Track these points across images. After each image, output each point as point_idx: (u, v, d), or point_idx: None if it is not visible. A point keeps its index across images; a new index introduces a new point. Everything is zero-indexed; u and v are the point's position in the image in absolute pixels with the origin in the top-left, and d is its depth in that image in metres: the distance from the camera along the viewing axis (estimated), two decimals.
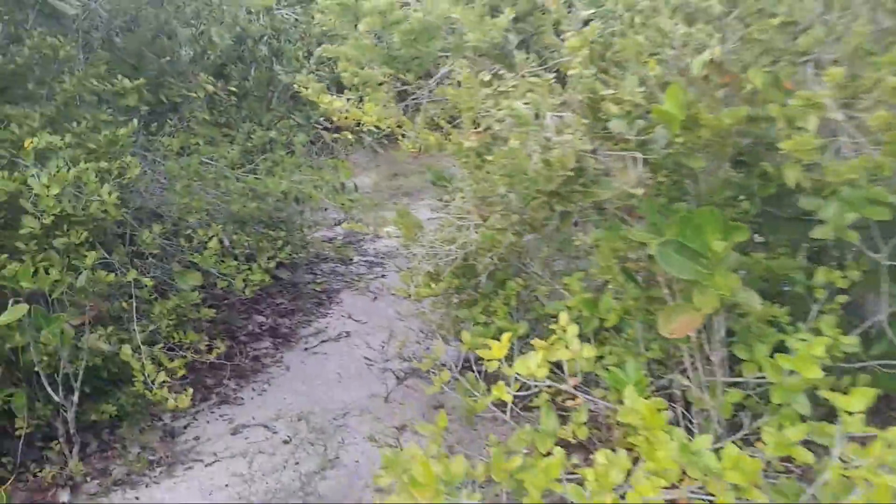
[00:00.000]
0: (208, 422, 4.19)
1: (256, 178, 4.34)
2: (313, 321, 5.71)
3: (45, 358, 3.15)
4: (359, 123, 3.62)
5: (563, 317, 2.39)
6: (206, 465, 3.71)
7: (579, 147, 1.81)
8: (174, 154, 4.14)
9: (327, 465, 3.50)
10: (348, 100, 3.00)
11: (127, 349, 3.20)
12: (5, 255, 3.05)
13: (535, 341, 2.56)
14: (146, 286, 3.43)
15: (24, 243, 3.03)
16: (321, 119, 5.70)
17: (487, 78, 2.06)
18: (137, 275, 3.37)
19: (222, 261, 3.80)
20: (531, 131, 1.80)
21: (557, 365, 2.57)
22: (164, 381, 3.19)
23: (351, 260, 7.06)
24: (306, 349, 5.16)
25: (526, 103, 1.82)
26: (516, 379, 2.41)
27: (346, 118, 3.62)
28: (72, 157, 3.08)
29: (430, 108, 3.02)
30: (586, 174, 1.92)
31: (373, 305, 5.91)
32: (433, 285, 3.29)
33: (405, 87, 3.00)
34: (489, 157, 1.91)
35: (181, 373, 3.36)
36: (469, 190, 2.25)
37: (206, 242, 3.75)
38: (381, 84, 2.69)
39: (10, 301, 2.87)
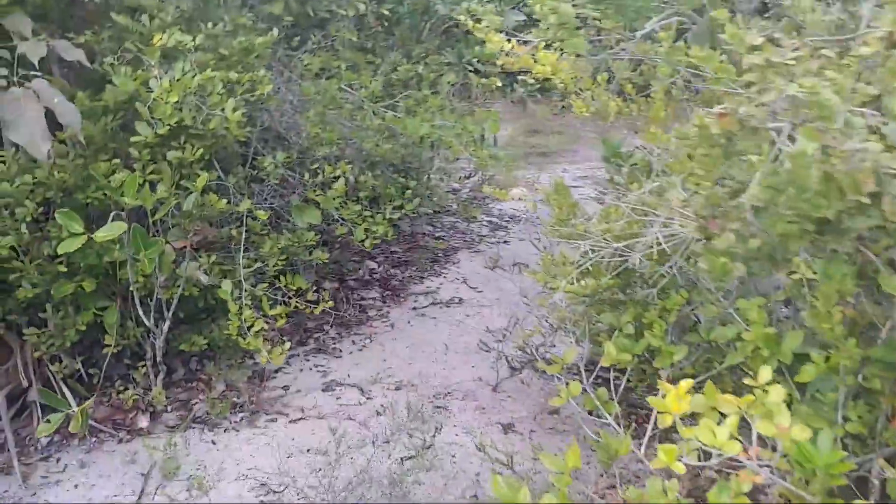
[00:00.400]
0: (301, 370, 3.87)
1: (396, 117, 3.87)
2: (425, 278, 5.30)
3: (141, 279, 2.84)
4: (521, 72, 3.11)
5: (765, 371, 1.81)
6: (290, 422, 3.38)
7: (884, 162, 1.22)
8: (312, 75, 3.73)
9: (422, 455, 3.08)
10: (525, 43, 2.45)
11: (227, 285, 2.86)
12: (118, 160, 2.73)
13: (715, 394, 1.99)
14: (260, 220, 3.05)
15: (136, 151, 2.70)
16: (474, 60, 5.17)
17: (759, 41, 1.47)
18: (252, 205, 2.99)
19: (345, 203, 3.38)
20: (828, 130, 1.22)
21: None
22: (261, 330, 2.82)
23: (474, 218, 6.60)
24: (414, 308, 4.75)
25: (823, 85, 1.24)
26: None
27: (513, 64, 3.08)
28: (200, 62, 2.69)
29: (618, 66, 2.43)
30: (882, 202, 1.32)
31: (490, 274, 5.43)
32: (582, 282, 2.74)
33: (597, 39, 2.42)
34: (757, 158, 1.33)
35: (281, 322, 2.99)
36: (694, 191, 1.69)
37: (333, 181, 3.33)
38: (578, 28, 2.13)
39: (112, 215, 2.54)
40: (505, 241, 6.22)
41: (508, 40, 2.96)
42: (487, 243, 6.16)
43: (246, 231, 3.24)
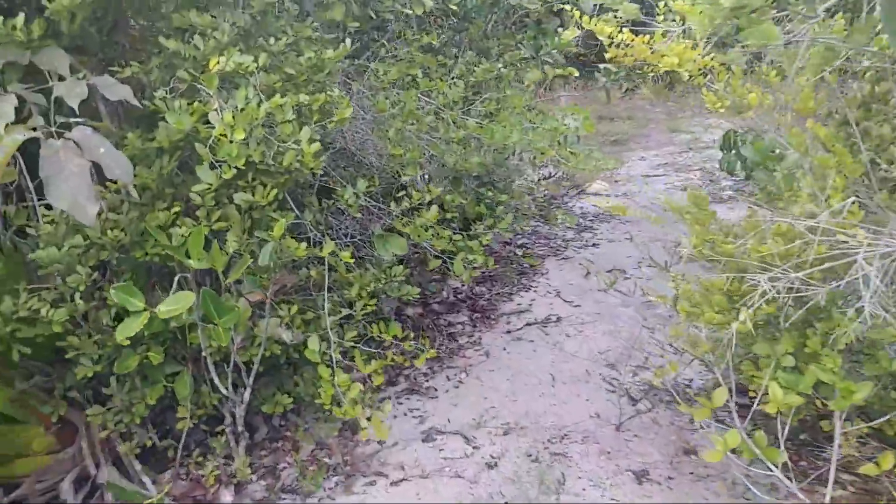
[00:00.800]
0: (395, 416, 3.43)
1: (479, 124, 3.40)
2: (514, 294, 4.82)
3: (214, 343, 2.44)
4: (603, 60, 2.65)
5: None
6: (391, 484, 2.95)
7: None
8: (384, 86, 3.28)
9: None
10: (663, 34, 1.97)
11: (314, 343, 2.44)
12: (177, 209, 2.33)
13: None
14: (344, 261, 2.62)
15: (199, 195, 2.29)
16: (553, 51, 4.66)
17: None
18: (335, 247, 2.56)
19: (435, 231, 2.92)
20: None
21: None
22: (357, 395, 2.39)
23: (556, 219, 6.09)
24: (508, 332, 4.28)
25: None
26: None
27: (625, 56, 2.60)
28: (264, 86, 2.27)
29: (785, 54, 1.92)
30: None
31: (585, 284, 4.92)
32: (726, 312, 2.23)
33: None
34: None
35: (378, 381, 2.56)
36: None
37: (421, 207, 2.87)
38: (754, 11, 1.63)
39: (177, 279, 2.14)
40: (594, 245, 5.69)
41: (620, 30, 2.51)
42: (574, 248, 5.64)
43: (328, 270, 2.82)
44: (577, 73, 5.04)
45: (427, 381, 3.76)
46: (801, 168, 2.45)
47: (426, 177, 3.32)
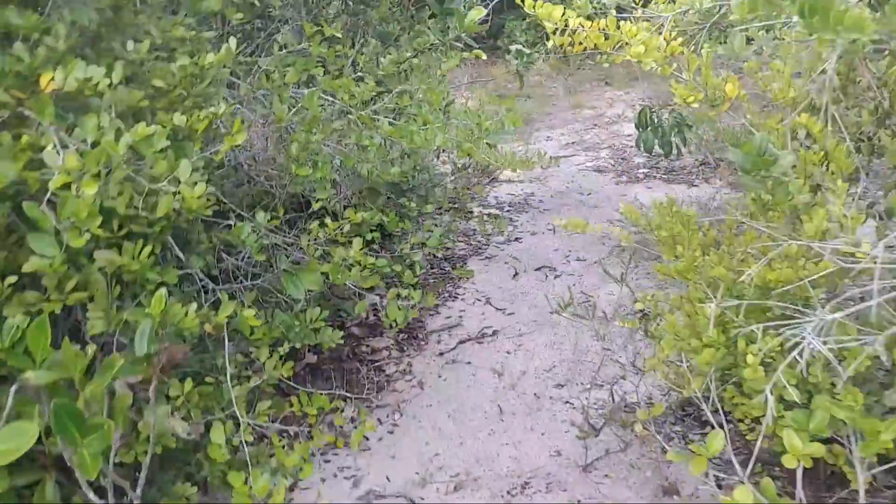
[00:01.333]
0: (323, 479, 2.88)
1: (392, 124, 2.87)
2: (441, 305, 4.33)
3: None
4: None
5: None
6: None
7: None
8: (278, 88, 2.68)
9: None
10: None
11: (219, 436, 1.86)
12: (11, 281, 1.69)
13: None
14: (249, 323, 2.04)
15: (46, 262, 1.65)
16: (462, 34, 4.15)
17: None
18: (237, 304, 1.99)
19: (359, 266, 2.38)
20: None
21: None
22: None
23: (471, 212, 5.65)
24: (441, 353, 3.79)
25: None
26: None
27: (575, 46, 2.17)
28: (125, 106, 1.66)
29: None
30: None
31: (515, 286, 4.49)
32: (720, 347, 1.84)
33: None
34: None
35: (307, 473, 2.01)
36: None
37: (342, 236, 2.33)
38: None
39: (13, 391, 1.51)
40: (517, 239, 5.27)
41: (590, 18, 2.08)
42: (496, 244, 5.21)
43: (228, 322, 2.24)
44: (484, 56, 4.58)
45: (356, 427, 3.22)
46: (789, 173, 2.07)
47: (342, 194, 2.77)
